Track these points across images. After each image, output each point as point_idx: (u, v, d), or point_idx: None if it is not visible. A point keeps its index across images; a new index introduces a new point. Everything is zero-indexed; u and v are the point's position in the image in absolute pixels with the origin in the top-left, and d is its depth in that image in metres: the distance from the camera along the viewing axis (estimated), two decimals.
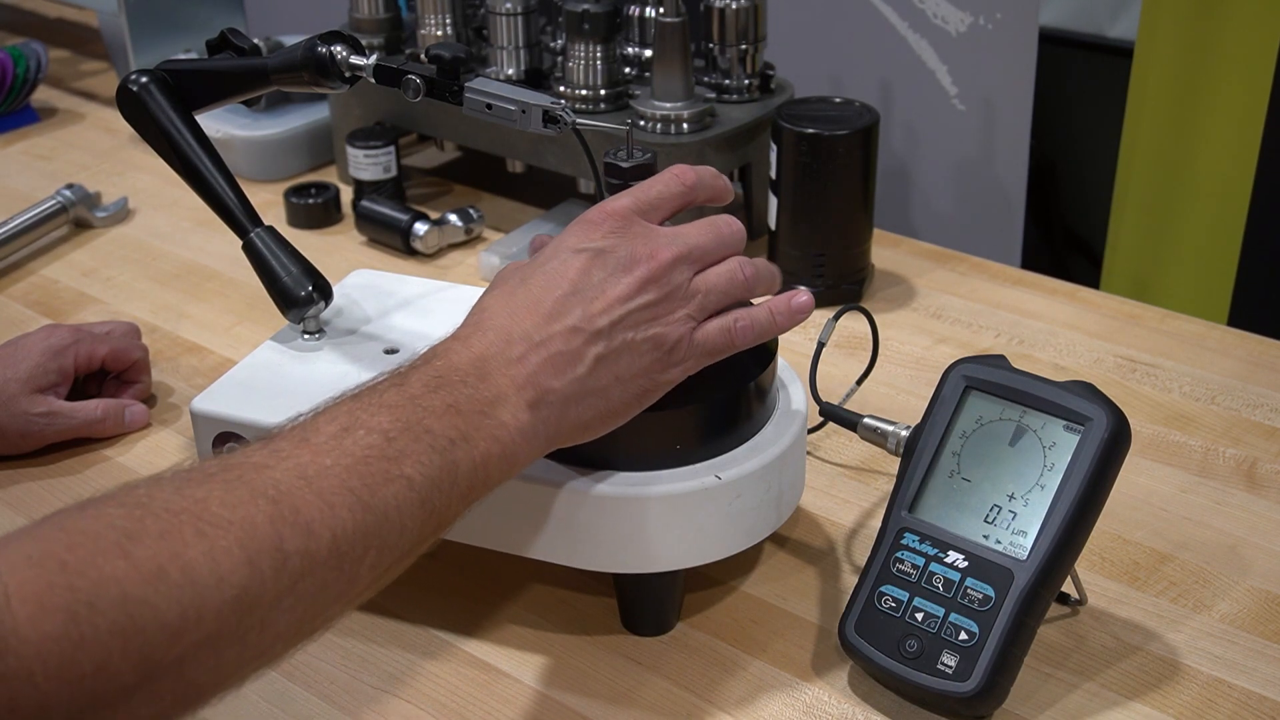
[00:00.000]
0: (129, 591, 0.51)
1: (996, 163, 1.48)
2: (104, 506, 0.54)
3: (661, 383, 0.72)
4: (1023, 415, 0.76)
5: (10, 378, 0.96)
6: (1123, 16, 1.68)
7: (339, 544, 0.58)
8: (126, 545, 0.52)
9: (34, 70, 1.56)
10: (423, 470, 0.62)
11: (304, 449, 0.61)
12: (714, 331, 0.73)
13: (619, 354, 0.70)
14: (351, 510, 0.59)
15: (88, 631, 0.50)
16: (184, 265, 1.27)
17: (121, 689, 0.51)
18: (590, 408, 0.70)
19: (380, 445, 0.62)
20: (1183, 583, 0.84)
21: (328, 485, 0.59)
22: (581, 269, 0.71)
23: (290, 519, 0.57)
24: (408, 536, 0.62)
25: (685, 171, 0.75)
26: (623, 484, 0.75)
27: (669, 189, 0.74)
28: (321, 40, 0.87)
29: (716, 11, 1.19)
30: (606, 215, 0.72)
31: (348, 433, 0.62)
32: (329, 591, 0.59)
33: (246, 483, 0.58)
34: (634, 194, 0.74)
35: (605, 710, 0.76)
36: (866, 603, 0.76)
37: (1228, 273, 1.50)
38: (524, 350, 0.69)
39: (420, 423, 0.64)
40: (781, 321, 0.75)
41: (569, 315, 0.70)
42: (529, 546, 0.78)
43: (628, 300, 0.70)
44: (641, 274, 0.71)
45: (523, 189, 1.37)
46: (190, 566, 0.53)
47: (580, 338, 0.69)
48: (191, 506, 0.55)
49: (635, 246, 0.71)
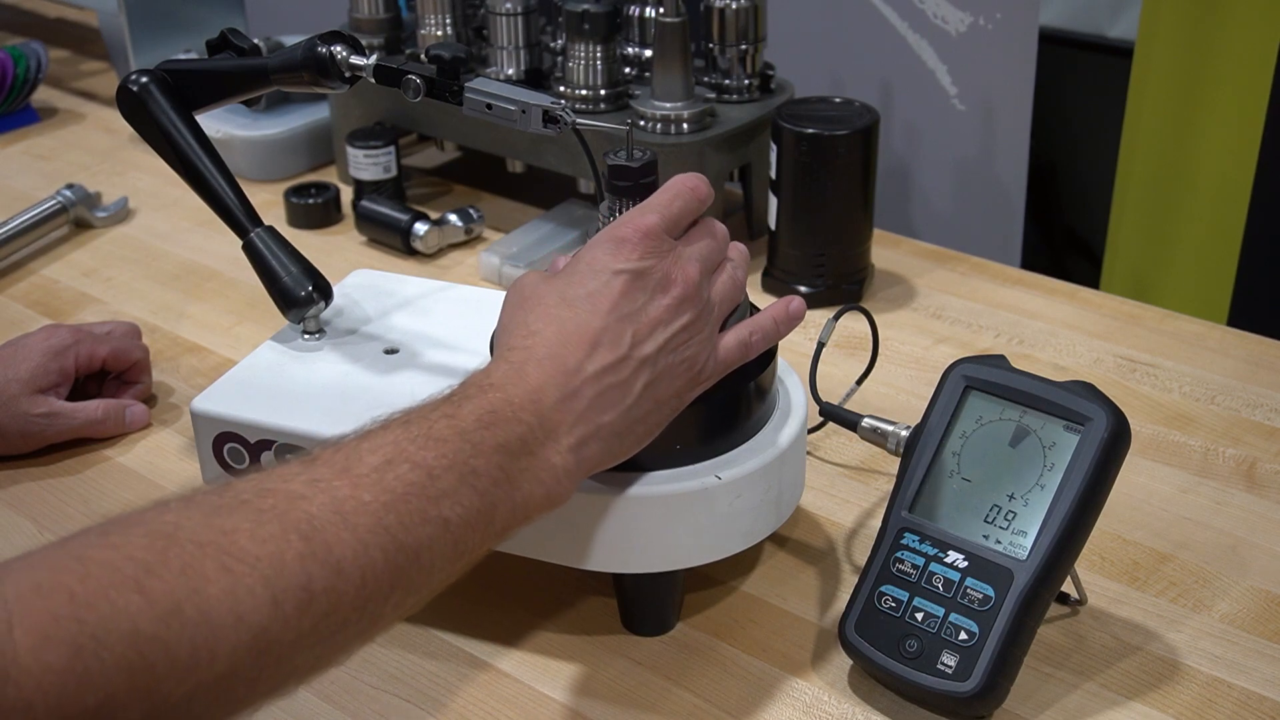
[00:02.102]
0: (140, 627, 0.50)
1: (996, 163, 1.48)
2: (129, 533, 0.53)
3: (686, 400, 0.73)
4: (1023, 415, 0.76)
5: (11, 378, 0.96)
6: (1123, 16, 1.68)
7: (367, 585, 0.57)
8: (143, 579, 0.51)
9: (34, 70, 1.56)
10: (461, 512, 0.61)
11: (344, 480, 0.59)
12: (733, 346, 0.74)
13: (661, 379, 0.70)
14: (384, 550, 0.58)
15: (93, 666, 0.49)
16: (184, 265, 1.27)
17: None
18: (633, 437, 0.70)
19: (422, 483, 0.60)
20: (1183, 583, 0.85)
21: (364, 523, 0.58)
22: (623, 292, 0.69)
23: (321, 557, 0.56)
24: (435, 577, 0.61)
25: (699, 186, 0.74)
26: (623, 484, 0.75)
27: (689, 206, 0.73)
28: (321, 40, 0.87)
29: (716, 11, 1.19)
30: (642, 234, 0.71)
31: (391, 466, 0.60)
32: (350, 631, 0.58)
33: (279, 515, 0.56)
34: (660, 211, 0.72)
35: (605, 710, 0.77)
36: (866, 603, 0.76)
37: (1228, 273, 1.50)
38: (579, 383, 0.67)
39: (466, 463, 0.62)
40: (784, 329, 0.77)
41: (620, 343, 0.68)
42: (529, 547, 0.78)
43: (669, 323, 0.70)
44: (678, 294, 0.70)
45: (523, 189, 1.37)
46: (208, 604, 0.52)
47: (630, 366, 0.69)
48: (219, 539, 0.54)
49: (669, 266, 0.71)
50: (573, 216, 1.28)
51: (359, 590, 0.57)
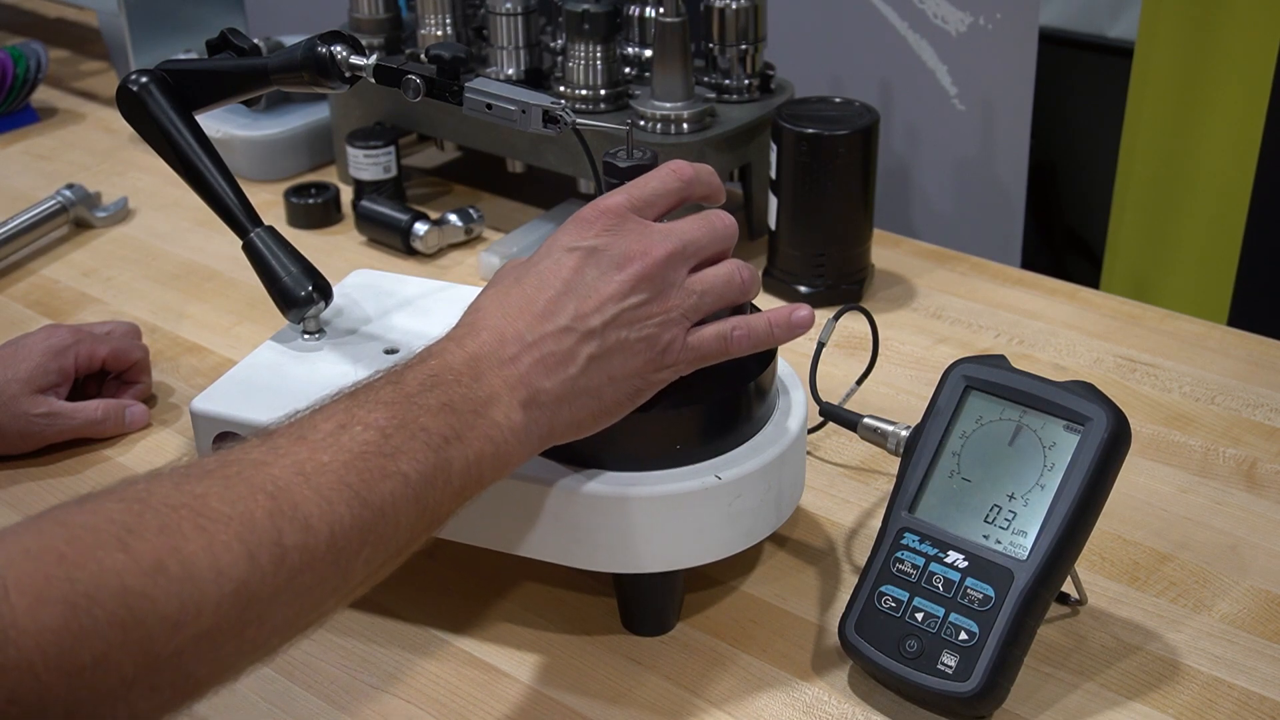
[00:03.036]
0: (128, 584, 0.51)
1: (996, 163, 1.48)
2: (103, 502, 0.55)
3: (654, 382, 0.72)
4: (1023, 415, 0.76)
5: (10, 378, 0.96)
6: (1123, 16, 1.68)
7: (336, 539, 0.59)
8: (126, 539, 0.53)
9: (34, 70, 1.56)
10: (418, 467, 0.63)
11: (301, 445, 0.61)
12: (709, 337, 0.73)
13: (612, 353, 0.70)
14: (349, 506, 0.60)
15: (87, 623, 0.50)
16: (184, 265, 1.27)
17: (121, 681, 0.51)
18: (583, 407, 0.70)
19: (377, 442, 0.62)
20: (1183, 583, 0.85)
21: (325, 481, 0.60)
22: (574, 267, 0.71)
23: (289, 514, 0.57)
24: (402, 533, 0.63)
25: (682, 167, 0.74)
26: (623, 484, 0.75)
27: (665, 185, 0.74)
28: (321, 40, 0.87)
29: (716, 11, 1.19)
30: (600, 213, 0.72)
31: (344, 429, 0.62)
32: (325, 586, 0.59)
33: (245, 479, 0.58)
34: (629, 190, 0.73)
35: (604, 710, 0.77)
36: (866, 603, 0.76)
37: (1228, 273, 1.50)
38: (517, 350, 0.69)
39: (415, 420, 0.64)
40: (779, 335, 0.75)
41: (561, 314, 0.70)
42: (529, 546, 0.78)
43: (621, 299, 0.70)
44: (635, 272, 0.70)
45: (523, 189, 1.37)
46: (189, 560, 0.53)
47: (572, 337, 0.69)
48: (190, 502, 0.56)
49: (629, 244, 0.71)
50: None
51: (329, 545, 0.59)
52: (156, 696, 0.53)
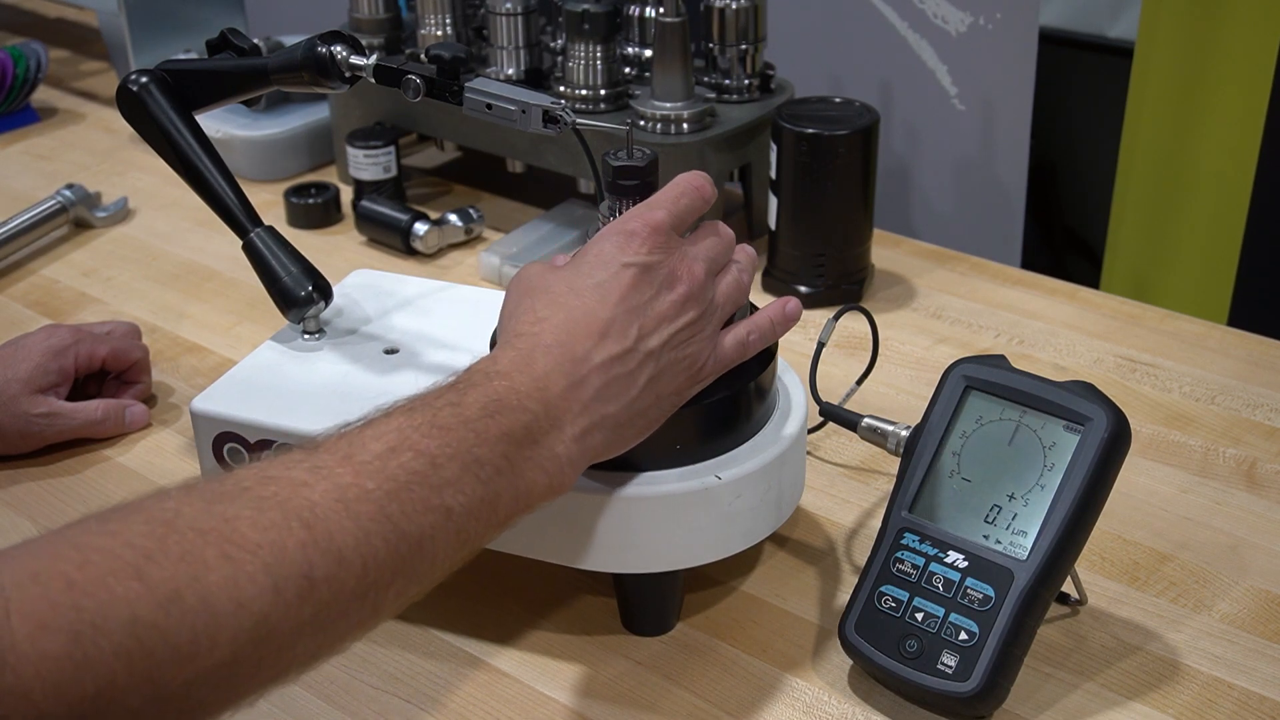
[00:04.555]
0: (139, 614, 0.50)
1: (996, 163, 1.48)
2: (128, 519, 0.53)
3: (686, 397, 0.73)
4: (1023, 415, 0.76)
5: (10, 378, 0.96)
6: (1123, 16, 1.68)
7: (369, 573, 0.57)
8: (143, 566, 0.51)
9: (34, 70, 1.56)
10: (464, 501, 0.61)
11: (347, 467, 0.59)
12: (731, 345, 0.74)
13: (664, 373, 0.70)
14: (386, 539, 0.58)
15: (91, 653, 0.49)
16: (184, 265, 1.27)
17: (126, 712, 0.50)
18: (634, 429, 0.70)
19: (425, 471, 0.60)
20: (1183, 583, 0.84)
21: (366, 511, 0.57)
22: (631, 285, 0.70)
23: (323, 545, 0.55)
24: (437, 566, 0.61)
25: (705, 185, 0.75)
26: (623, 484, 0.75)
27: (694, 204, 0.74)
28: (321, 40, 0.87)
29: (716, 11, 1.19)
30: (650, 229, 0.71)
31: (394, 454, 0.60)
32: (351, 619, 0.58)
33: (281, 503, 0.56)
34: (668, 208, 0.72)
35: (605, 710, 0.76)
36: (866, 603, 0.76)
37: (1228, 273, 1.50)
38: (585, 372, 0.67)
39: (470, 451, 0.62)
40: (780, 330, 0.77)
41: (627, 335, 0.69)
42: (529, 547, 0.78)
43: (674, 320, 0.70)
44: (683, 291, 0.71)
45: (523, 189, 1.37)
46: (208, 591, 0.52)
47: (635, 359, 0.69)
48: (220, 526, 0.54)
49: (675, 263, 0.71)
50: (573, 216, 1.28)
51: (360, 579, 0.57)
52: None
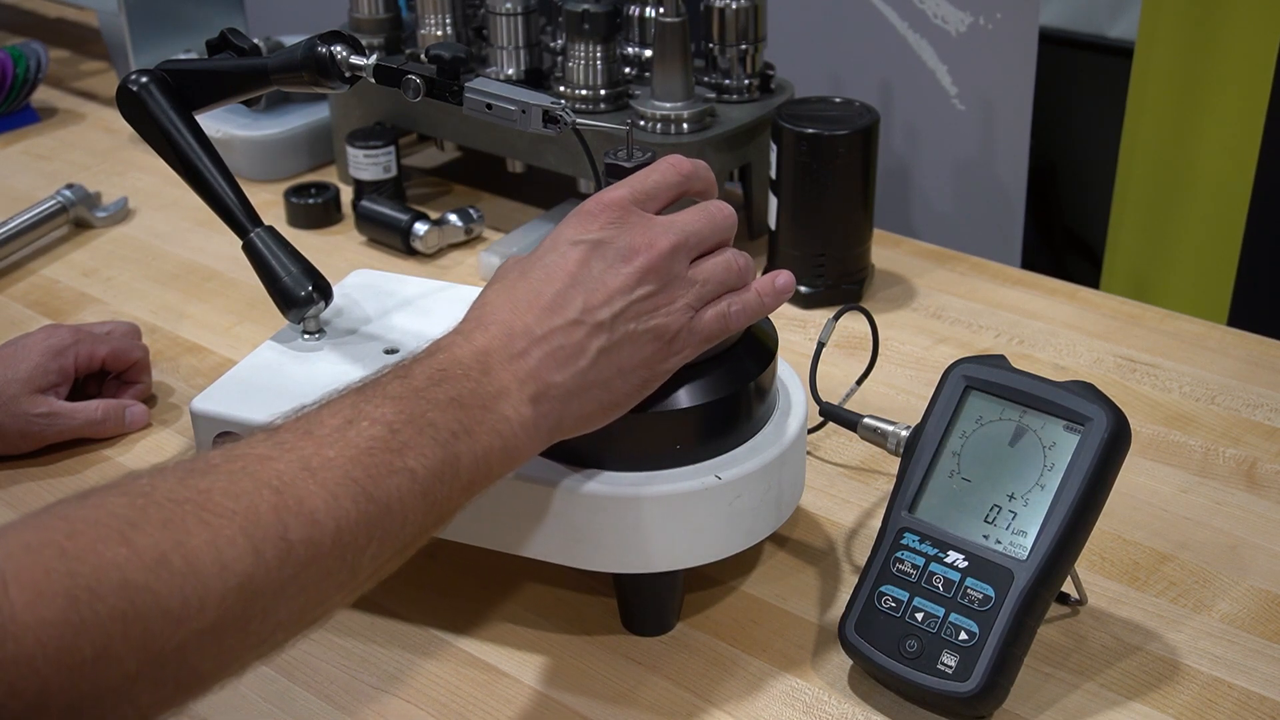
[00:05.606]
0: (130, 577, 0.51)
1: (996, 163, 1.48)
2: (106, 496, 0.55)
3: (661, 372, 0.73)
4: (1023, 415, 0.76)
5: (10, 378, 0.96)
6: (1123, 16, 1.68)
7: (342, 534, 0.59)
8: (128, 532, 0.52)
9: (34, 70, 1.56)
10: (425, 463, 0.63)
11: (307, 441, 0.61)
12: (710, 318, 0.74)
13: (621, 345, 0.70)
14: (355, 501, 0.59)
15: (88, 616, 0.50)
16: (184, 265, 1.27)
17: (123, 676, 0.51)
18: (593, 400, 0.71)
19: (384, 437, 0.62)
20: (1183, 583, 0.85)
21: (331, 476, 0.59)
22: (580, 260, 0.71)
23: (294, 509, 0.57)
24: (409, 528, 0.63)
25: (681, 161, 0.75)
26: (623, 484, 0.75)
27: (665, 178, 0.74)
28: (321, 40, 0.87)
29: (716, 11, 1.19)
30: (603, 206, 0.72)
31: (351, 425, 0.62)
32: (331, 581, 0.59)
33: (250, 474, 0.58)
34: (630, 184, 0.74)
35: (605, 710, 0.77)
36: (866, 603, 0.76)
37: (1228, 273, 1.50)
38: (526, 345, 0.69)
39: (423, 415, 0.64)
40: (769, 303, 0.76)
41: (570, 308, 0.70)
42: (529, 546, 0.78)
43: (628, 291, 0.70)
44: (641, 264, 0.71)
45: (523, 189, 1.37)
46: (193, 554, 0.53)
47: (582, 330, 0.69)
48: (195, 496, 0.56)
49: (633, 237, 0.71)
50: None
51: (335, 540, 0.58)
52: (160, 691, 0.53)
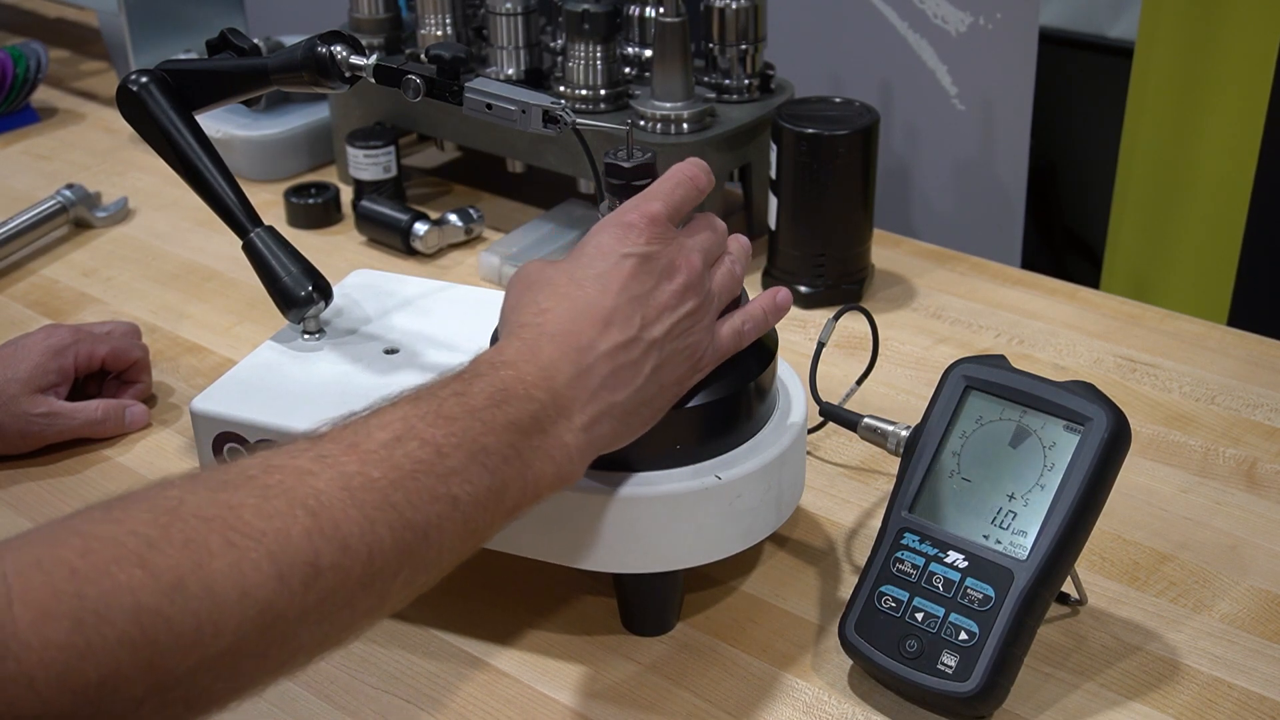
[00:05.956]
0: (142, 602, 0.50)
1: (996, 163, 1.48)
2: (131, 509, 0.53)
3: (686, 388, 0.73)
4: (1023, 415, 0.76)
5: (10, 378, 0.96)
6: (1123, 16, 1.68)
7: (374, 562, 0.57)
8: (145, 554, 0.51)
9: (34, 70, 1.56)
10: (470, 490, 0.61)
11: (352, 456, 0.58)
12: (727, 335, 0.74)
13: (666, 363, 0.70)
14: (391, 528, 0.57)
15: (95, 641, 0.49)
16: (184, 265, 1.27)
17: (130, 700, 0.50)
18: (639, 418, 0.70)
19: (431, 461, 0.60)
20: (1183, 583, 0.84)
21: (370, 499, 0.57)
22: (632, 274, 0.70)
23: (328, 533, 0.55)
24: (445, 556, 0.61)
25: (699, 175, 0.75)
26: (623, 484, 0.75)
27: (690, 194, 0.74)
28: (321, 40, 0.87)
29: (716, 11, 1.19)
30: (647, 220, 0.71)
31: (400, 443, 0.60)
32: (358, 609, 0.57)
33: (286, 491, 0.56)
34: (664, 199, 0.73)
35: (605, 710, 0.76)
36: (866, 603, 0.76)
37: (1228, 273, 1.50)
38: (592, 361, 0.67)
39: (476, 440, 0.62)
40: (772, 319, 0.78)
41: (630, 324, 0.69)
42: (529, 546, 0.78)
43: (675, 309, 0.70)
44: (682, 281, 0.71)
45: (523, 189, 1.37)
46: (213, 578, 0.52)
47: (639, 348, 0.69)
48: (224, 514, 0.54)
49: (673, 253, 0.71)
50: (573, 216, 1.28)
51: (366, 567, 0.56)
52: (167, 711, 0.51)
